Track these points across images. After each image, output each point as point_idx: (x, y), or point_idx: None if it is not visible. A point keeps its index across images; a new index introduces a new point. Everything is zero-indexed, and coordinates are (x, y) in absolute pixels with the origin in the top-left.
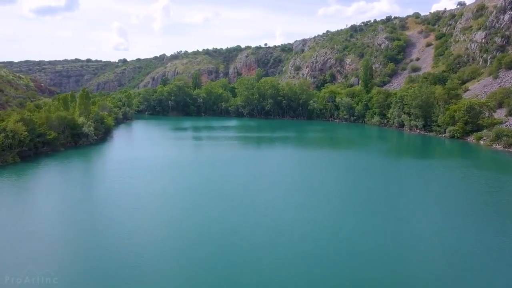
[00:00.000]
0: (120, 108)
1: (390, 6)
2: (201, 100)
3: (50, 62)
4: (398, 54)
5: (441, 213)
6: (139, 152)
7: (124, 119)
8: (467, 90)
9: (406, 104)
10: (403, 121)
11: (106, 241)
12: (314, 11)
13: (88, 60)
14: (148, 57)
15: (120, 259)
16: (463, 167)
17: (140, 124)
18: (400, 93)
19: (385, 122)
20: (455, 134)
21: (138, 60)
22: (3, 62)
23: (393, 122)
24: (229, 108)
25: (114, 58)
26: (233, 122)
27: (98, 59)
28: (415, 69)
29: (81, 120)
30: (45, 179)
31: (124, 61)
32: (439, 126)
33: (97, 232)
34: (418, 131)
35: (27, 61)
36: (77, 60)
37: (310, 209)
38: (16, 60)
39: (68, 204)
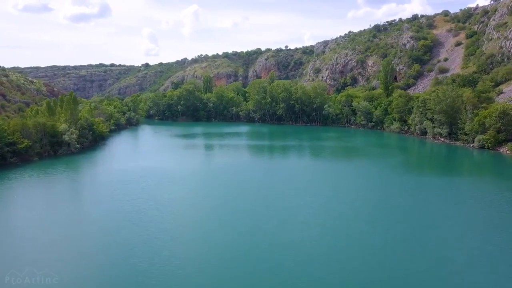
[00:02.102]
0: (125, 113)
1: (423, 7)
2: (212, 104)
3: (74, 67)
4: (424, 54)
5: (462, 251)
6: (126, 163)
7: (128, 125)
8: (501, 93)
9: (429, 109)
10: (425, 128)
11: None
12: (344, 14)
13: (112, 65)
14: (170, 61)
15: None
16: (493, 190)
17: (144, 130)
18: (422, 96)
19: (405, 129)
20: (486, 144)
21: (160, 64)
22: (30, 67)
23: (415, 129)
24: (240, 113)
25: (143, 63)
26: (243, 128)
27: (128, 64)
28: (443, 71)
29: (62, 127)
30: None
31: (147, 65)
32: (466, 134)
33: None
34: (442, 139)
35: (52, 66)
36: (101, 65)
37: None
38: (42, 65)
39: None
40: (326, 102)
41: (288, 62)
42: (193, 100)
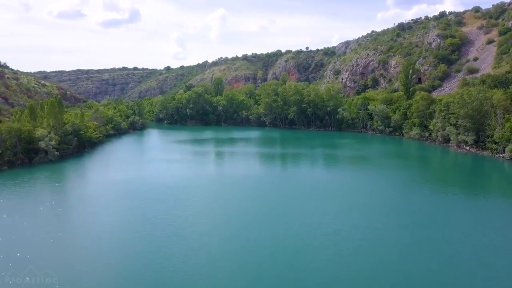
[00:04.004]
0: (128, 117)
1: (455, 8)
2: (221, 108)
3: (98, 71)
4: (452, 53)
5: None
6: (111, 173)
7: (131, 129)
8: None
9: (452, 113)
10: (448, 135)
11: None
12: (373, 16)
13: (135, 68)
14: (191, 64)
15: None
16: None
17: (149, 135)
18: (446, 99)
19: (426, 135)
20: None
21: (182, 67)
22: (55, 72)
23: (437, 136)
24: (250, 117)
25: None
26: (254, 134)
27: (152, 67)
28: (472, 71)
29: (39, 132)
30: None
31: (168, 68)
32: (495, 142)
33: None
34: (468, 148)
35: (76, 70)
36: (124, 69)
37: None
38: (67, 69)
39: None
40: (341, 105)
41: (309, 63)
42: (202, 103)
